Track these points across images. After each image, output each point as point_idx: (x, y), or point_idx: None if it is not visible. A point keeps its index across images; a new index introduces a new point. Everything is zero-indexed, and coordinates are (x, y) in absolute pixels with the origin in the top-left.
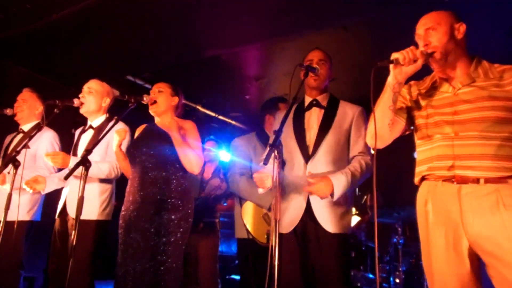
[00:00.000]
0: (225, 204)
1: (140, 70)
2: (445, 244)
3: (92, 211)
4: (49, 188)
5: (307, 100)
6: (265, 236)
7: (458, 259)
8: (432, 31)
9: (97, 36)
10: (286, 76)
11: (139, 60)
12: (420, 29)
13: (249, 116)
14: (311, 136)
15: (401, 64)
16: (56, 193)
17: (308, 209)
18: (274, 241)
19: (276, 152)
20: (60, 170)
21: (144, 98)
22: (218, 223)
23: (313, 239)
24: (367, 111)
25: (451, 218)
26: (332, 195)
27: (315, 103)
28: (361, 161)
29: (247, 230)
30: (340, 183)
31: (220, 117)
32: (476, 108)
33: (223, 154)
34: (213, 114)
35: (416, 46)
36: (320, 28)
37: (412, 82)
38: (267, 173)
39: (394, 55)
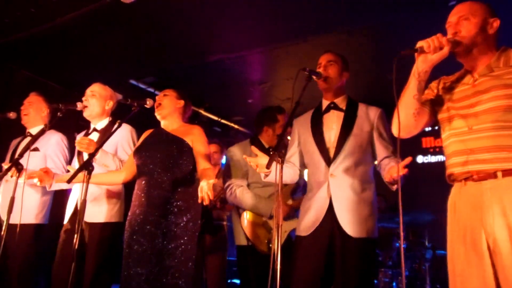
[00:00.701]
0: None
1: (144, 74)
2: (465, 246)
3: (102, 213)
4: (56, 186)
5: (325, 103)
6: (266, 242)
7: (480, 261)
8: (464, 21)
9: (101, 40)
10: (289, 80)
11: (142, 64)
12: (452, 17)
13: (252, 120)
14: (331, 138)
15: (426, 52)
16: (61, 198)
17: (331, 211)
18: (277, 247)
19: (278, 156)
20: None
21: (147, 102)
22: (226, 226)
23: (337, 243)
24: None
25: (473, 218)
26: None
27: (332, 106)
28: (396, 160)
29: (246, 237)
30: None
31: (223, 121)
32: (490, 98)
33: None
34: (216, 118)
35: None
36: (324, 33)
37: (443, 77)
38: (258, 157)
39: (419, 43)
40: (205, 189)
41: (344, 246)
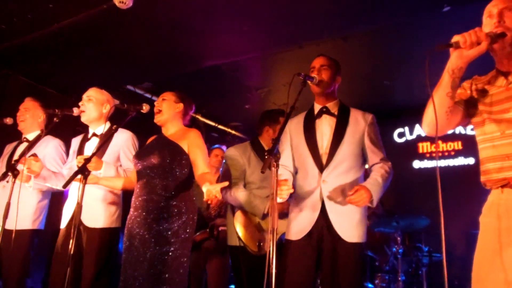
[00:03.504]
0: None
1: (140, 79)
2: (498, 253)
3: (101, 218)
4: (43, 175)
5: (317, 107)
6: (257, 245)
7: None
8: (508, 12)
9: (98, 46)
10: (285, 86)
11: (139, 70)
12: (494, 7)
13: (249, 125)
14: (324, 144)
15: (462, 47)
16: (56, 204)
17: (324, 216)
18: (272, 249)
19: (273, 160)
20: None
21: (144, 107)
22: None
23: (329, 247)
24: None
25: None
26: (371, 202)
27: (325, 111)
28: (385, 167)
29: (238, 237)
30: (376, 189)
31: (220, 126)
32: None
33: None
34: (213, 123)
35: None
36: (319, 38)
37: (475, 76)
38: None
39: (455, 38)
40: (213, 193)
41: (336, 250)
